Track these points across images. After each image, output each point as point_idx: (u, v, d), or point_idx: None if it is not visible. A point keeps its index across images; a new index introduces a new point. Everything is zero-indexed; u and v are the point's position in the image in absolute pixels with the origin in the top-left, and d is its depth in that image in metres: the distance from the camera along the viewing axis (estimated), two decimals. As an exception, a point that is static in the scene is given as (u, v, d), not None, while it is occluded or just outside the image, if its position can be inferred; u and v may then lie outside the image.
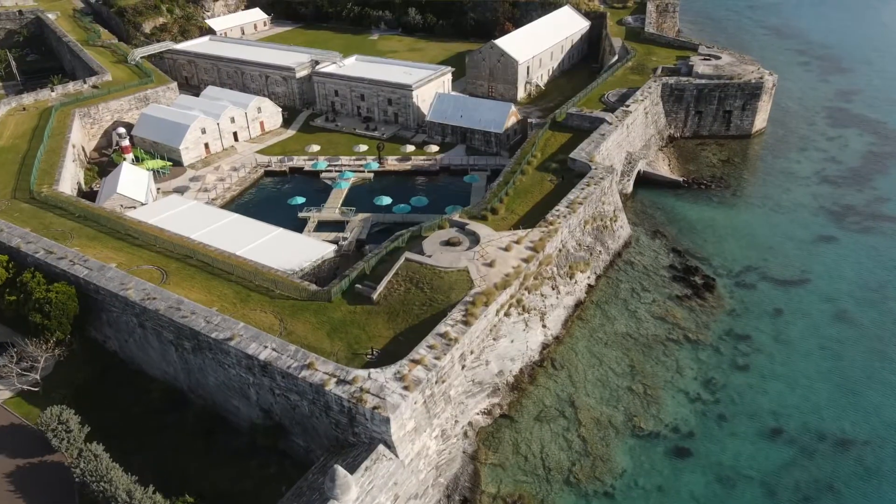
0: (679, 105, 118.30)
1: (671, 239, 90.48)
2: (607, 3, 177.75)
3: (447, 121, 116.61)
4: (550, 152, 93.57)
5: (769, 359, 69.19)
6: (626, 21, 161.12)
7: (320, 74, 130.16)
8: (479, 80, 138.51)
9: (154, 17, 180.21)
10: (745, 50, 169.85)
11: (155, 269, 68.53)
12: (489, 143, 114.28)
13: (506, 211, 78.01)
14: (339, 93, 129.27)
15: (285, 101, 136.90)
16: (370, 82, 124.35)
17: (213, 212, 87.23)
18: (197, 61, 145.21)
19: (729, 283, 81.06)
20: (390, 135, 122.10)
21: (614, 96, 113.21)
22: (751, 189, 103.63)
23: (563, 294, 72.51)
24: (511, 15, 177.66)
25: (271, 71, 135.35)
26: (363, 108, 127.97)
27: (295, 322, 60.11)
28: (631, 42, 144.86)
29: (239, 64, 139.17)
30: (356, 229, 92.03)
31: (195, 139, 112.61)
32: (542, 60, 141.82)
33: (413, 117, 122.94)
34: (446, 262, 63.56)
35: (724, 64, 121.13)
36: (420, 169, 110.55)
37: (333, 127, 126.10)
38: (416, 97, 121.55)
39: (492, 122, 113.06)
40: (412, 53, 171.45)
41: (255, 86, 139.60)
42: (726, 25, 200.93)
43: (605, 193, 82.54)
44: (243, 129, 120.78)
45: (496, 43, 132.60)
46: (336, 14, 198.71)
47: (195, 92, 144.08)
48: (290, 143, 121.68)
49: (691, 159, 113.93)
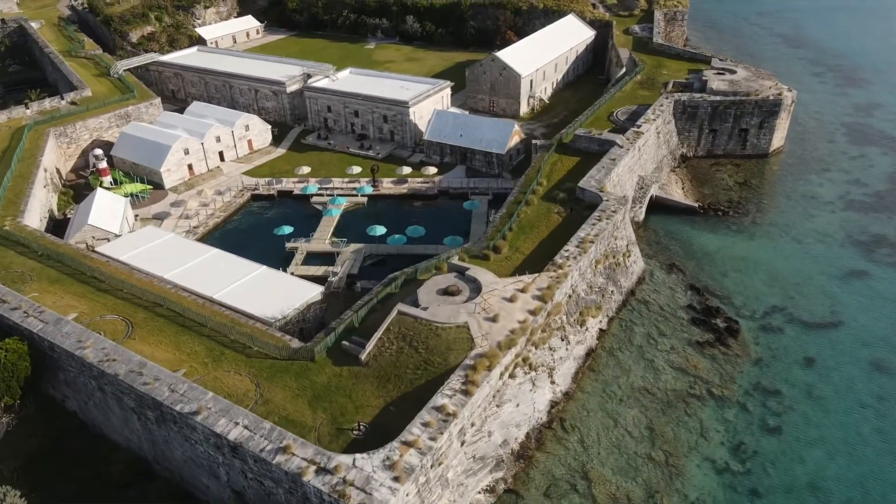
0: (692, 123, 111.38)
1: (688, 274, 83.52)
2: (613, 10, 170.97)
3: (446, 140, 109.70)
4: (557, 179, 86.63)
5: (803, 419, 62.21)
6: (632, 30, 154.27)
7: (312, 89, 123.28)
8: (479, 95, 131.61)
9: (142, 25, 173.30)
10: (756, 60, 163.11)
11: (120, 319, 61.59)
12: (490, 164, 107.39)
13: (509, 249, 71.09)
14: (331, 109, 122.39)
15: (276, 117, 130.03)
16: (364, 98, 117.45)
17: (190, 246, 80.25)
18: (183, 74, 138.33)
19: (753, 327, 74.07)
20: (386, 154, 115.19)
21: (624, 114, 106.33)
22: (771, 216, 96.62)
23: (574, 344, 65.57)
24: (513, 23, 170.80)
25: (261, 85, 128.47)
26: (357, 124, 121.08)
27: (273, 387, 53.18)
28: (639, 53, 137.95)
29: (227, 77, 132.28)
30: (347, 262, 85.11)
31: (177, 161, 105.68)
32: (546, 73, 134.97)
33: (410, 135, 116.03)
34: (444, 317, 56.60)
35: (740, 79, 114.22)
36: (417, 192, 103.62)
37: (326, 145, 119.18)
38: (413, 114, 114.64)
39: (493, 142, 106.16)
40: (410, 64, 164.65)
41: (244, 100, 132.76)
42: (735, 33, 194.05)
43: (617, 227, 75.62)
44: (230, 149, 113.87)
45: (498, 56, 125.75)
46: (331, 22, 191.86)
47: (182, 106, 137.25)
48: (279, 162, 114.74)
49: (706, 181, 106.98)
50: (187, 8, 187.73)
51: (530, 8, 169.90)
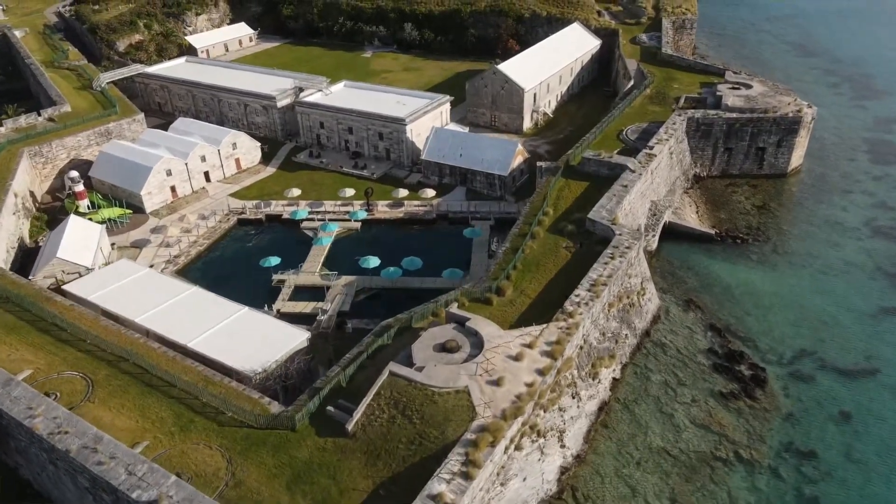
0: (706, 141, 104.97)
1: (707, 311, 77.06)
2: (619, 18, 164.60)
3: (445, 160, 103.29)
4: (565, 207, 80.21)
5: (842, 487, 55.78)
6: (640, 39, 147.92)
7: (303, 104, 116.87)
8: (480, 109, 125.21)
9: (130, 34, 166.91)
10: (768, 70, 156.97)
11: (80, 376, 55.20)
12: (492, 185, 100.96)
13: (514, 291, 64.62)
14: (324, 125, 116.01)
15: (266, 132, 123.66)
16: (359, 114, 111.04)
17: (166, 283, 73.81)
18: (170, 87, 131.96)
19: (782, 375, 67.59)
20: (381, 174, 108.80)
21: (634, 133, 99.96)
22: (793, 244, 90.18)
23: (585, 400, 59.15)
24: (515, 31, 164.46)
25: (250, 99, 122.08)
26: (351, 142, 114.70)
27: (247, 464, 46.77)
28: (647, 65, 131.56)
29: (215, 91, 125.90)
30: (338, 298, 78.71)
31: (159, 183, 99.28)
32: (550, 86, 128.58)
33: (407, 154, 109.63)
34: (441, 379, 50.16)
35: (757, 94, 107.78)
36: (414, 217, 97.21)
37: (318, 164, 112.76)
38: (410, 132, 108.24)
39: (495, 163, 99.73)
40: (408, 74, 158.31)
41: (233, 114, 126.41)
42: (745, 41, 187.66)
43: (631, 265, 69.18)
44: (216, 169, 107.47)
45: (499, 68, 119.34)
46: (327, 29, 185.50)
47: (169, 120, 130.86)
48: (268, 183, 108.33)
49: (722, 204, 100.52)
50: (178, 15, 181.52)
51: (533, 16, 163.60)
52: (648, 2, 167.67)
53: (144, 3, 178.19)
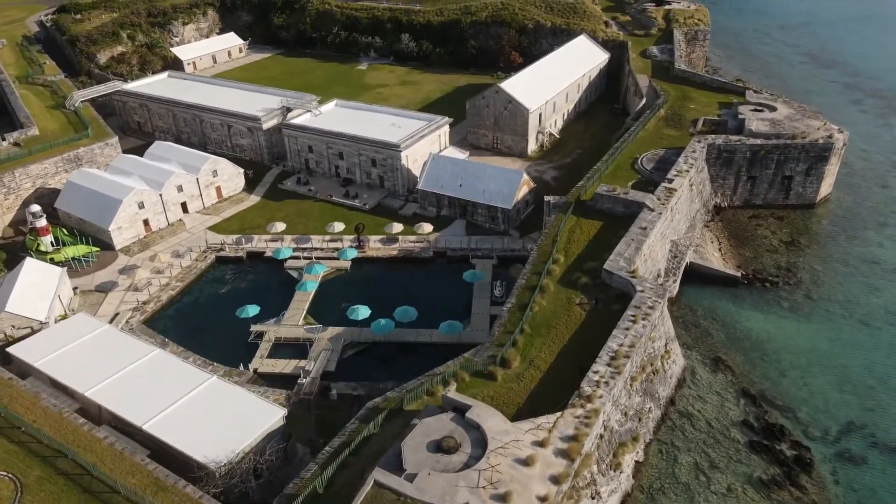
0: (728, 170, 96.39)
1: (738, 372, 68.39)
2: (627, 29, 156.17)
3: (443, 190, 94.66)
4: (577, 252, 71.53)
5: None
6: (650, 52, 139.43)
7: (291, 127, 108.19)
8: (481, 130, 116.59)
9: (111, 45, 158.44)
10: (785, 84, 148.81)
11: (8, 477, 46.58)
12: (494, 219, 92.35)
13: (521, 361, 56.04)
14: (313, 149, 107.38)
15: (251, 155, 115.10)
16: (350, 139, 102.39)
17: (126, 345, 65.03)
18: (149, 105, 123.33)
19: (829, 455, 58.94)
20: (374, 203, 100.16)
21: (649, 162, 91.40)
22: (828, 288, 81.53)
23: (606, 497, 50.50)
24: (517, 43, 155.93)
25: (234, 120, 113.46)
26: (342, 167, 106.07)
27: None
28: (659, 81, 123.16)
29: (197, 110, 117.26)
30: (322, 356, 70.08)
31: (130, 217, 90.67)
32: (557, 104, 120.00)
33: (402, 182, 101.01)
34: (436, 495, 41.46)
35: (783, 118, 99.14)
36: (410, 254, 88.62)
37: (306, 192, 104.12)
38: (406, 158, 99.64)
39: (498, 195, 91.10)
40: (404, 88, 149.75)
41: (216, 136, 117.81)
42: (758, 52, 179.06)
43: (655, 327, 60.56)
44: (194, 199, 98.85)
45: (502, 87, 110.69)
46: (321, 39, 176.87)
47: (148, 140, 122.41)
48: (251, 213, 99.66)
49: (746, 240, 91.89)
50: (164, 25, 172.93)
51: (537, 26, 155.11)
52: (658, 12, 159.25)
53: (128, 12, 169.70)
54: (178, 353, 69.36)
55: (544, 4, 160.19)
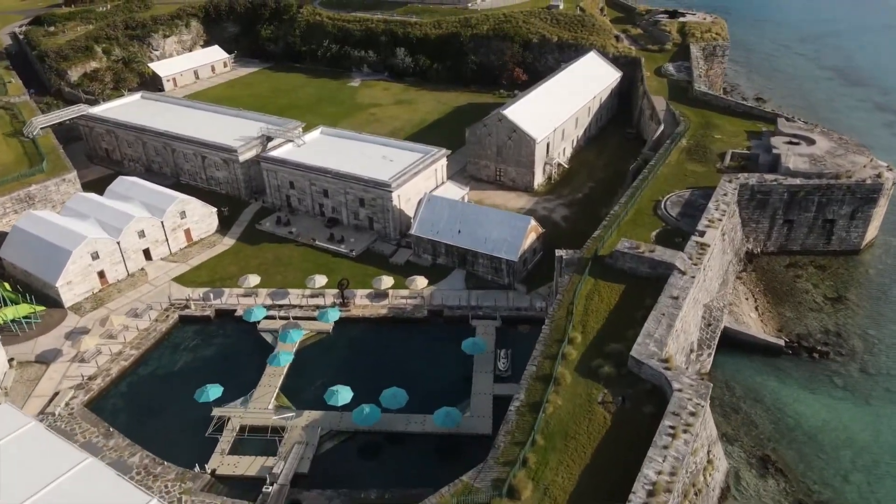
0: (762, 213, 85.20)
1: (790, 476, 57.08)
2: (640, 44, 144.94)
3: (439, 237, 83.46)
4: (596, 328, 60.20)
5: None
6: (666, 70, 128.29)
7: (270, 160, 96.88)
8: (482, 161, 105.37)
9: (84, 61, 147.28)
10: (809, 104, 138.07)
11: None
12: (498, 271, 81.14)
13: (534, 489, 44.77)
14: (295, 185, 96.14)
15: (228, 189, 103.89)
16: (335, 175, 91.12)
17: (52, 450, 53.24)
18: (117, 132, 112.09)
19: None
20: (362, 249, 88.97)
21: (674, 206, 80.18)
22: (886, 358, 70.20)
23: None
24: (521, 59, 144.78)
25: (208, 151, 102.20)
26: (327, 206, 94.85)
27: None
28: (678, 104, 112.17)
29: (168, 139, 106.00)
30: (295, 451, 58.98)
31: (82, 269, 79.55)
32: (566, 131, 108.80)
33: (394, 225, 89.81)
34: None
35: (823, 153, 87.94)
36: (401, 314, 77.39)
37: (286, 234, 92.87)
38: (398, 198, 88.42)
39: (502, 244, 79.86)
40: (399, 109, 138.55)
41: (189, 167, 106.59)
42: (777, 66, 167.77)
43: (697, 436, 49.25)
44: (159, 244, 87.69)
45: (506, 115, 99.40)
46: (310, 53, 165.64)
47: (117, 169, 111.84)
48: (224, 261, 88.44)
49: (785, 296, 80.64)
50: (143, 38, 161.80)
51: (542, 41, 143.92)
52: (672, 25, 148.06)
53: (104, 25, 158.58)
54: (122, 449, 58.35)
55: (550, 17, 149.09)
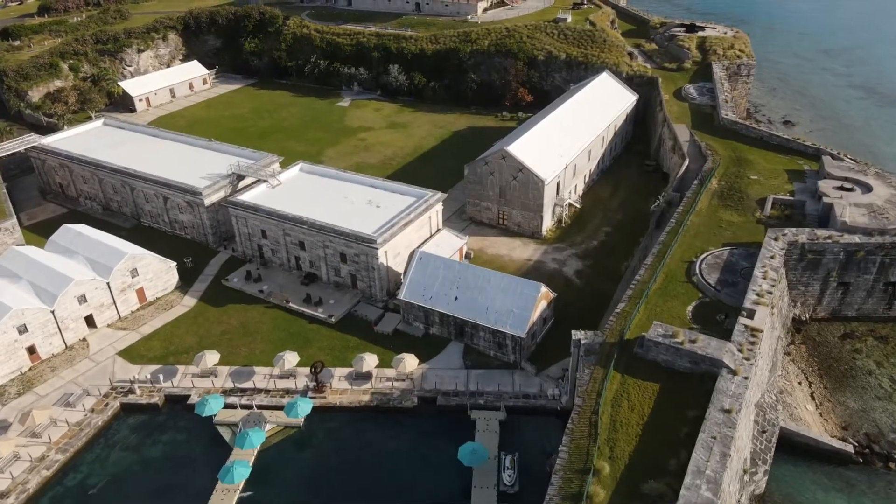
0: (813, 274, 72.38)
1: None
2: (655, 61, 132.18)
3: (433, 304, 70.66)
4: (627, 451, 47.28)
5: None
6: (686, 93, 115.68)
7: (238, 205, 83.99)
8: (483, 202, 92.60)
9: (47, 80, 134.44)
10: (844, 127, 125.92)
11: None
12: (502, 346, 68.34)
13: None
14: (268, 234, 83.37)
15: (194, 234, 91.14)
16: (313, 227, 78.28)
17: None
18: (71, 166, 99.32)
19: None
20: (343, 313, 76.24)
21: (711, 269, 67.33)
22: (978, 469, 57.51)
23: None
24: (526, 77, 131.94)
25: (170, 192, 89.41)
26: (304, 259, 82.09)
27: None
28: (703, 134, 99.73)
29: (126, 176, 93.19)
30: None
31: (6, 346, 66.85)
32: (578, 166, 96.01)
33: (380, 285, 77.03)
34: None
35: (883, 203, 75.05)
36: (386, 401, 64.62)
37: (256, 293, 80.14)
38: (385, 255, 75.65)
39: (507, 316, 67.02)
40: (392, 134, 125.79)
41: (151, 208, 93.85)
42: (803, 84, 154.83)
43: None
44: (105, 309, 75.00)
45: (510, 152, 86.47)
46: (297, 69, 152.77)
47: (71, 208, 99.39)
48: (181, 327, 75.63)
49: (844, 378, 67.77)
50: (114, 53, 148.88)
51: (548, 58, 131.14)
52: (691, 40, 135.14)
53: (72, 39, 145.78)
54: None
55: (557, 31, 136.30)
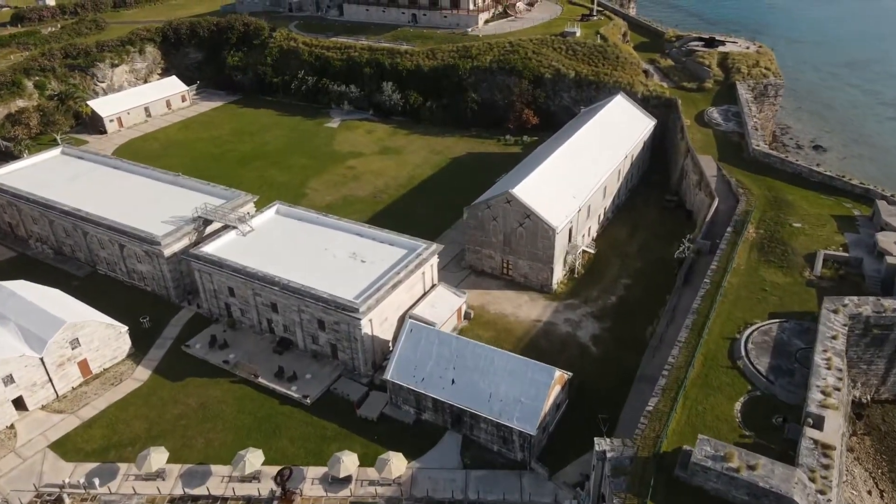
0: (878, 351, 61.06)
1: None
2: (673, 80, 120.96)
3: (425, 387, 59.26)
4: None
5: None
6: (710, 117, 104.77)
7: (200, 259, 72.51)
8: (485, 249, 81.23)
9: (8, 100, 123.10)
10: (881, 153, 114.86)
11: None
12: (508, 441, 56.89)
13: None
14: (236, 292, 71.96)
15: (154, 287, 79.76)
16: (285, 289, 66.81)
17: None
18: (19, 205, 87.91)
19: None
20: (321, 391, 64.83)
21: (759, 351, 56.16)
22: None
23: None
24: (531, 97, 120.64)
25: (126, 240, 78.01)
26: (277, 322, 70.71)
27: None
28: (731, 168, 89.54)
29: (77, 220, 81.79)
30: None
31: (-89, 445, 55.59)
32: (593, 206, 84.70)
33: (364, 358, 65.63)
34: None
35: (957, 264, 63.84)
36: (367, 514, 53.46)
37: (221, 363, 68.72)
38: (371, 323, 64.26)
39: (514, 407, 55.60)
40: (384, 160, 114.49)
41: (106, 255, 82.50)
42: (830, 102, 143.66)
43: None
44: (39, 388, 63.56)
45: (516, 196, 74.97)
46: (284, 85, 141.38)
47: (21, 250, 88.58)
48: (130, 409, 64.11)
49: (920, 483, 56.60)
50: (85, 68, 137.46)
51: (556, 76, 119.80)
52: (712, 56, 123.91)
53: (38, 54, 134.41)
54: None
55: (565, 47, 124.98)
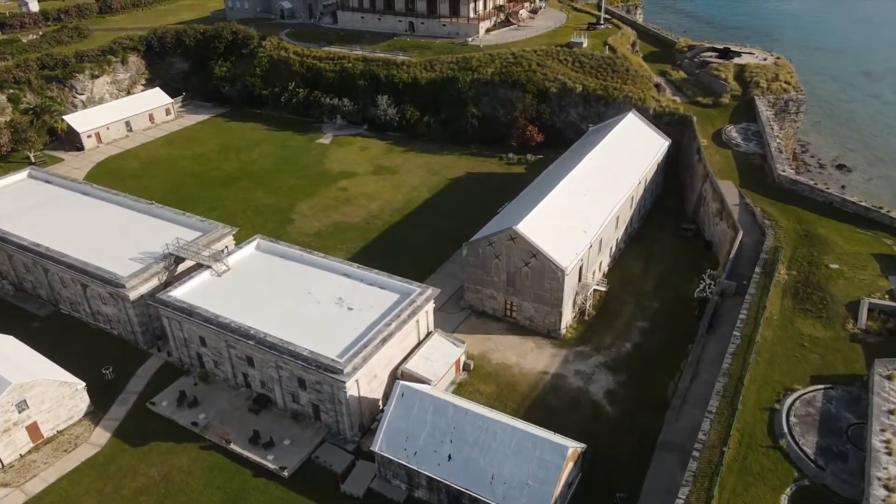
0: (935, 421, 53.50)
1: None
2: (687, 94, 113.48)
3: (419, 463, 51.71)
4: None
5: None
6: (729, 136, 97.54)
7: (168, 305, 64.90)
8: (486, 289, 73.60)
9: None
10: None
11: None
12: (514, 530, 49.32)
13: None
14: (207, 342, 64.38)
15: (121, 331, 72.22)
16: (260, 343, 59.21)
17: None
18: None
19: None
20: (301, 460, 57.22)
21: (804, 427, 48.90)
22: None
23: None
24: (536, 113, 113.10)
25: (89, 280, 70.43)
26: (254, 377, 63.15)
27: None
28: (755, 195, 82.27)
29: (37, 256, 74.23)
30: None
31: None
32: (604, 239, 77.14)
33: (350, 421, 58.05)
34: None
35: None
36: None
37: (189, 425, 61.12)
38: (357, 384, 56.70)
39: (520, 492, 47.98)
40: (378, 182, 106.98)
41: (69, 294, 74.99)
42: (851, 116, 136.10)
43: None
44: (-20, 459, 56.19)
45: (520, 232, 67.35)
46: (273, 97, 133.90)
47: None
48: (83, 482, 56.46)
49: None
50: (63, 80, 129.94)
51: (562, 91, 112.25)
52: (728, 69, 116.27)
53: (13, 65, 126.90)
54: None
55: (571, 58, 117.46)
